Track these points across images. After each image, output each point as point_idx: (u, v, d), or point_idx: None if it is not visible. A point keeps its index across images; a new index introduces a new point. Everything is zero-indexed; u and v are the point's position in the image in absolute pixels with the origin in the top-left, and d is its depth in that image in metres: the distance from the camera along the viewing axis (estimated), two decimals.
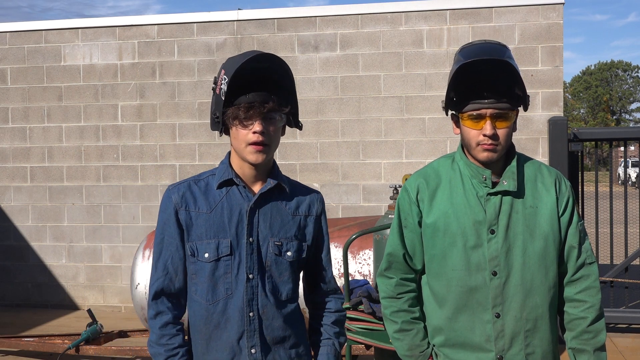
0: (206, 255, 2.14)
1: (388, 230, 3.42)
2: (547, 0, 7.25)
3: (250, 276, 2.13)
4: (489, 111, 2.17)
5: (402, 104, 7.55)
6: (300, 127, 2.28)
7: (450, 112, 2.33)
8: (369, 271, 5.14)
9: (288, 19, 7.75)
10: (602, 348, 2.27)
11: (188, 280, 2.21)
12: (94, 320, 5.75)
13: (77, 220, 8.25)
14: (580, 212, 6.81)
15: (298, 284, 2.29)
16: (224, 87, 2.08)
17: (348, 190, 7.67)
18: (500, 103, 2.17)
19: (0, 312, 8.03)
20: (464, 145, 2.29)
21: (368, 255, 5.19)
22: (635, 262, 6.93)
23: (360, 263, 5.20)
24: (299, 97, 2.32)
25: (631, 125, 66.53)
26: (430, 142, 7.51)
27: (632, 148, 22.88)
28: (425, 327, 2.37)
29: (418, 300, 2.39)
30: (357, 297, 3.82)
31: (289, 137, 7.69)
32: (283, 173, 2.29)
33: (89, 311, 5.84)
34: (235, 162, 2.19)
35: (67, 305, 8.27)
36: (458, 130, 2.29)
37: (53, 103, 8.26)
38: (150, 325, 2.19)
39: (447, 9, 7.44)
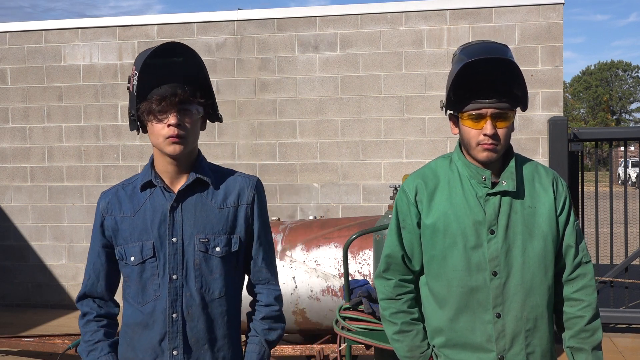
0: (132, 258, 2.12)
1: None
2: (547, 0, 7.25)
3: (174, 277, 2.09)
4: (489, 111, 2.17)
5: (402, 104, 7.55)
6: (220, 120, 2.21)
7: (448, 112, 2.33)
8: (369, 271, 5.14)
9: (288, 19, 7.75)
10: (599, 347, 2.28)
11: (122, 284, 2.20)
12: None
13: (77, 220, 8.25)
14: (579, 212, 6.81)
15: (237, 281, 2.22)
16: (136, 82, 2.04)
17: (348, 190, 7.67)
18: (501, 103, 2.18)
19: (0, 312, 8.03)
20: (463, 145, 2.29)
21: (368, 255, 5.19)
22: (635, 262, 6.93)
23: (360, 263, 5.20)
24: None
25: (631, 125, 66.53)
26: (430, 142, 7.51)
27: (632, 148, 22.86)
28: (424, 328, 2.36)
29: (416, 301, 2.39)
30: (357, 297, 3.82)
31: (289, 137, 7.69)
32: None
33: None
34: (158, 161, 2.14)
35: (67, 305, 8.27)
36: (457, 130, 2.29)
37: (53, 103, 8.26)
38: (79, 326, 2.21)
39: (447, 9, 7.44)
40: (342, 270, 5.07)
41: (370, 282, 4.60)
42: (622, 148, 10.12)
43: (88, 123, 8.20)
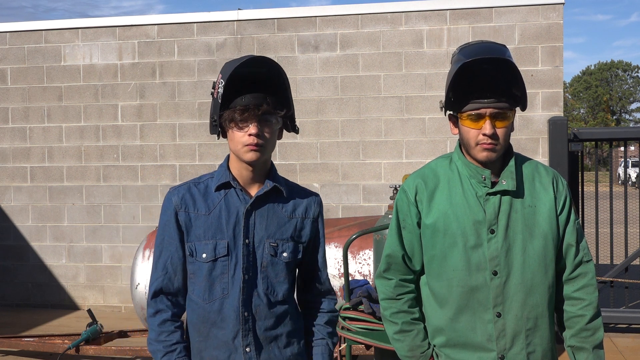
0: (204, 255, 2.19)
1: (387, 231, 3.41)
2: (547, 0, 7.25)
3: (246, 277, 2.18)
4: (488, 110, 2.18)
5: (402, 104, 7.55)
6: (297, 132, 2.34)
7: (448, 112, 2.34)
8: (369, 271, 5.14)
9: (288, 19, 7.75)
10: (600, 346, 2.28)
11: (187, 280, 2.25)
12: (94, 320, 5.75)
13: (77, 220, 8.25)
14: (579, 212, 6.81)
15: (294, 286, 2.34)
16: (221, 90, 2.14)
17: (348, 190, 7.67)
18: (499, 102, 2.18)
19: (0, 312, 8.03)
20: (463, 145, 2.29)
21: (368, 255, 5.19)
22: (635, 262, 6.93)
23: (360, 263, 5.20)
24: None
25: (631, 125, 66.49)
26: (430, 142, 7.51)
27: (632, 148, 22.88)
28: (425, 328, 2.37)
29: (417, 301, 2.39)
30: (357, 297, 3.82)
31: (289, 137, 7.69)
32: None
33: (89, 311, 5.84)
34: (234, 165, 2.24)
35: (67, 305, 8.27)
36: (456, 131, 2.30)
37: (53, 103, 8.26)
38: (149, 323, 2.23)
39: (447, 9, 7.44)
40: (342, 270, 5.06)
41: (371, 282, 4.61)
42: (622, 148, 10.12)
43: (88, 123, 8.20)
